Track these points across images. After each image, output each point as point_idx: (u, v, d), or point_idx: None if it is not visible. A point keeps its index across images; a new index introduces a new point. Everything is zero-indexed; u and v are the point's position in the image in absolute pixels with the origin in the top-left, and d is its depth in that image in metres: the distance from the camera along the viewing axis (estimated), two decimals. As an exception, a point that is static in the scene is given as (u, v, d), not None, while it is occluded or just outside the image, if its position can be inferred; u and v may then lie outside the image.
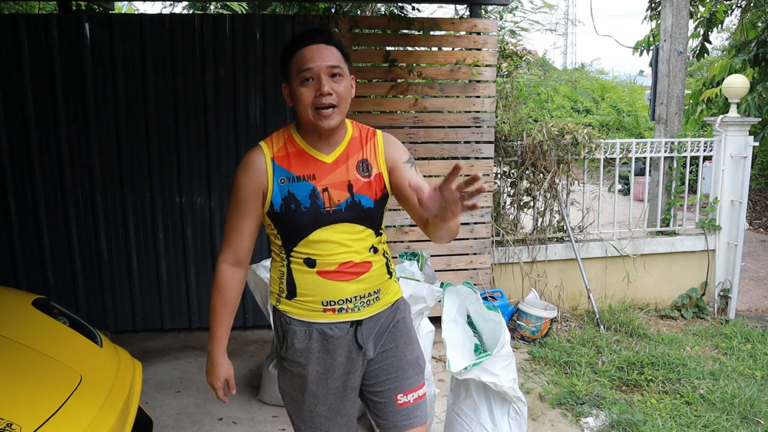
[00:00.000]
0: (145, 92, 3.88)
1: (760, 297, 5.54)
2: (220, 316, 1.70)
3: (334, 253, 1.63)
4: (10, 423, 1.55)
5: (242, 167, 1.62)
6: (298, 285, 1.65)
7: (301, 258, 1.63)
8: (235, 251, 1.67)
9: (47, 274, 3.95)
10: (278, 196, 1.59)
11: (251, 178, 1.60)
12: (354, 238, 1.64)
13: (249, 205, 1.61)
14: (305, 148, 1.63)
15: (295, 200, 1.59)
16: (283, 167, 1.61)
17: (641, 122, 13.39)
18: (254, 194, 1.60)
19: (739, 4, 7.99)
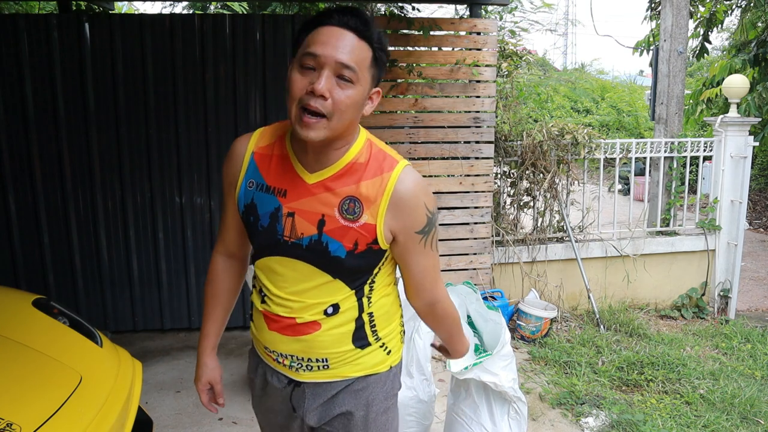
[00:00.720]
0: (145, 92, 3.88)
1: (760, 297, 5.54)
2: (210, 309, 1.51)
3: (280, 296, 1.32)
4: (10, 423, 1.55)
5: (228, 152, 1.39)
6: (255, 321, 1.42)
7: (259, 285, 1.39)
8: (224, 243, 1.47)
9: (47, 274, 3.95)
10: (242, 199, 1.33)
11: (228, 166, 1.36)
12: (310, 287, 1.30)
13: (228, 195, 1.39)
14: (290, 155, 1.29)
15: (255, 213, 1.30)
16: (259, 168, 1.31)
17: (641, 122, 13.38)
18: (230, 185, 1.36)
19: (739, 4, 7.99)
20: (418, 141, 4.10)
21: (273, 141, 1.32)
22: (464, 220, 4.22)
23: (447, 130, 4.12)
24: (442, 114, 4.13)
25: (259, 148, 1.32)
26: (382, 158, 1.27)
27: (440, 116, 4.12)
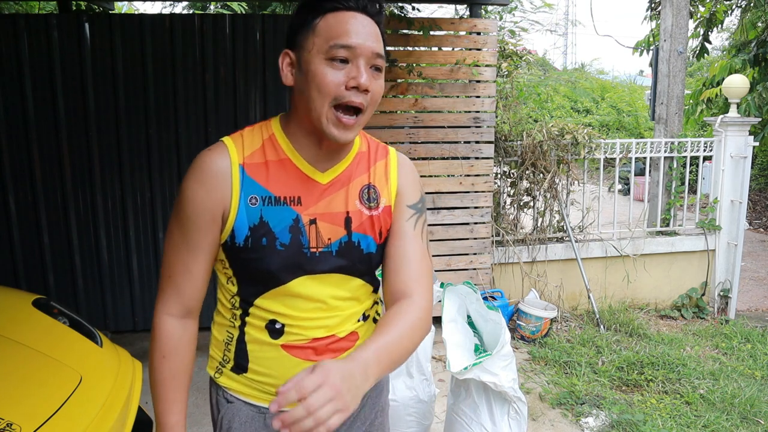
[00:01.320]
0: (145, 92, 3.88)
1: (760, 297, 5.54)
2: (170, 392, 1.16)
3: (312, 317, 1.15)
4: (10, 423, 1.55)
5: (193, 172, 1.09)
6: (252, 359, 1.17)
7: (262, 320, 1.15)
8: (182, 298, 1.14)
9: (47, 274, 3.95)
10: (244, 222, 1.09)
11: (207, 190, 1.08)
12: (346, 297, 1.18)
13: (201, 231, 1.10)
14: (292, 157, 1.13)
15: (269, 232, 1.10)
16: (256, 180, 1.10)
17: (641, 122, 13.39)
18: (211, 216, 1.09)
19: (739, 4, 7.99)
20: (418, 141, 4.10)
21: (260, 146, 1.12)
22: (464, 220, 4.22)
23: (447, 130, 4.12)
24: (442, 114, 4.13)
25: (246, 157, 1.11)
26: (376, 145, 1.24)
27: (440, 116, 4.12)
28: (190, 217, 1.10)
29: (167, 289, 1.15)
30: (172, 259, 1.14)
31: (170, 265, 1.14)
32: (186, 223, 1.10)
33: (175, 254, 1.13)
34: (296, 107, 1.11)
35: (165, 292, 1.16)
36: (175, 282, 1.15)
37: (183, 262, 1.13)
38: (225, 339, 1.20)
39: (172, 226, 1.14)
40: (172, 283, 1.15)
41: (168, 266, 1.15)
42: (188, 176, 1.10)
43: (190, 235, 1.11)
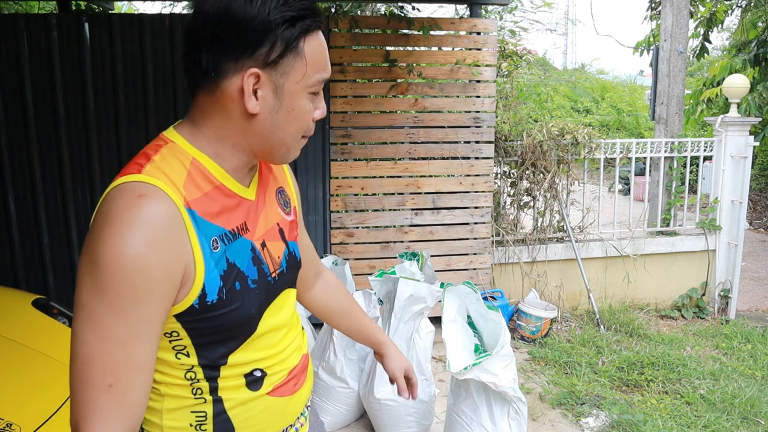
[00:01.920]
0: (145, 92, 3.88)
1: (760, 297, 5.54)
2: None
3: (285, 347, 1.05)
4: (10, 423, 1.55)
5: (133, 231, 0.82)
6: (239, 426, 1.00)
7: (238, 377, 0.98)
8: (131, 412, 0.85)
9: (47, 274, 3.95)
10: (215, 273, 0.91)
11: (164, 250, 0.84)
12: (293, 311, 1.11)
13: (157, 308, 0.85)
14: (225, 181, 0.96)
15: (239, 273, 0.95)
16: (208, 220, 0.91)
17: (641, 122, 13.39)
18: (170, 283, 0.86)
19: (740, 4, 7.99)
20: (418, 141, 4.10)
21: (186, 178, 0.91)
22: (464, 220, 4.22)
23: (447, 130, 4.12)
24: (442, 114, 4.13)
25: (187, 195, 0.90)
26: None
27: (440, 116, 4.12)
28: (140, 292, 0.82)
29: (106, 404, 0.82)
30: (110, 360, 0.82)
31: (108, 371, 0.82)
32: (132, 304, 0.82)
33: (118, 352, 0.82)
34: (244, 133, 0.93)
35: (103, 409, 0.82)
36: (119, 392, 0.83)
37: (132, 359, 0.84)
38: (194, 422, 0.96)
39: (99, 313, 0.81)
40: (115, 394, 0.83)
41: (102, 373, 0.82)
42: (121, 239, 0.81)
43: (140, 318, 0.83)
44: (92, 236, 0.85)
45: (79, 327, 0.83)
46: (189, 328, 0.91)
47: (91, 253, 0.83)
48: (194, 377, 0.95)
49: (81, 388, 0.83)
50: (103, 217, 0.85)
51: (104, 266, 0.81)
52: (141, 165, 0.92)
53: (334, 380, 2.92)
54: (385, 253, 4.14)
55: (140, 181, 0.88)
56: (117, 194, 0.87)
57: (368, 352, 2.96)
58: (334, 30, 3.92)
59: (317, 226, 4.12)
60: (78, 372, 0.83)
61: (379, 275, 2.84)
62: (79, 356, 0.83)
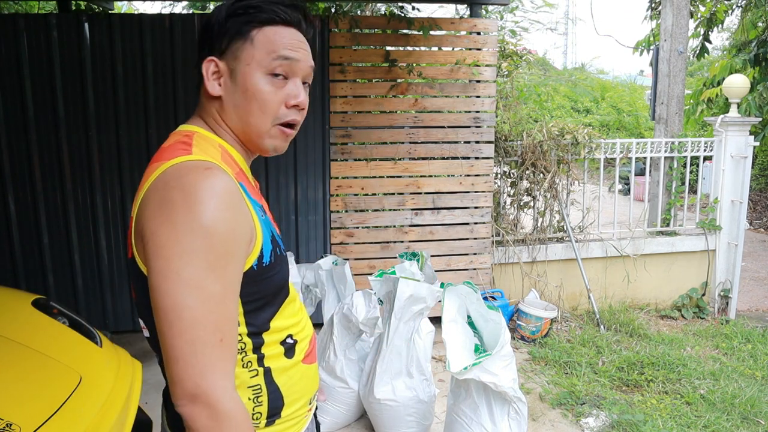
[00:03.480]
0: (145, 92, 3.88)
1: (760, 297, 5.54)
2: None
3: (303, 317, 1.14)
4: (9, 423, 1.55)
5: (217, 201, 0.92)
6: (287, 394, 1.07)
7: (277, 345, 1.06)
8: (235, 361, 0.95)
9: (47, 274, 3.95)
10: (267, 238, 1.02)
11: (242, 214, 0.96)
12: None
13: (241, 266, 0.97)
14: (242, 165, 1.09)
15: (276, 241, 1.05)
16: (250, 194, 1.04)
17: (641, 122, 13.39)
18: (247, 244, 0.97)
19: (740, 4, 7.99)
20: (418, 141, 4.10)
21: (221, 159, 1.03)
22: (464, 220, 4.22)
23: (447, 130, 4.12)
24: (442, 114, 4.13)
25: (232, 172, 1.01)
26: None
27: (440, 116, 4.12)
28: (232, 253, 0.93)
29: (222, 358, 0.91)
30: (216, 317, 0.91)
31: (216, 327, 0.90)
32: (226, 264, 0.92)
33: (220, 309, 0.91)
34: (225, 117, 1.05)
35: (222, 362, 0.91)
36: (229, 342, 0.92)
37: (230, 314, 0.93)
38: (251, 396, 1.03)
39: (198, 275, 0.89)
40: (227, 348, 0.92)
41: (212, 329, 0.90)
42: (209, 206, 0.90)
43: (233, 276, 0.94)
44: (173, 208, 0.90)
45: (176, 293, 0.89)
46: (244, 293, 0.98)
47: (178, 223, 0.90)
48: (243, 348, 1.01)
49: (194, 349, 0.89)
50: (180, 190, 0.91)
51: (198, 231, 0.89)
52: (187, 149, 0.99)
53: (334, 380, 2.92)
54: (385, 253, 4.14)
55: (198, 159, 0.96)
56: (185, 170, 0.94)
57: (368, 352, 2.96)
58: (334, 30, 3.92)
59: (317, 226, 4.12)
60: (186, 336, 0.89)
61: (379, 275, 2.84)
62: (185, 320, 0.89)
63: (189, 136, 1.03)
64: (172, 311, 0.89)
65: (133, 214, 1.01)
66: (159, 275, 0.89)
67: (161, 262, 0.89)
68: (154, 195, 0.94)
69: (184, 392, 0.89)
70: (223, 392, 0.89)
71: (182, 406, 0.90)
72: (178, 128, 1.08)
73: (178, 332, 0.88)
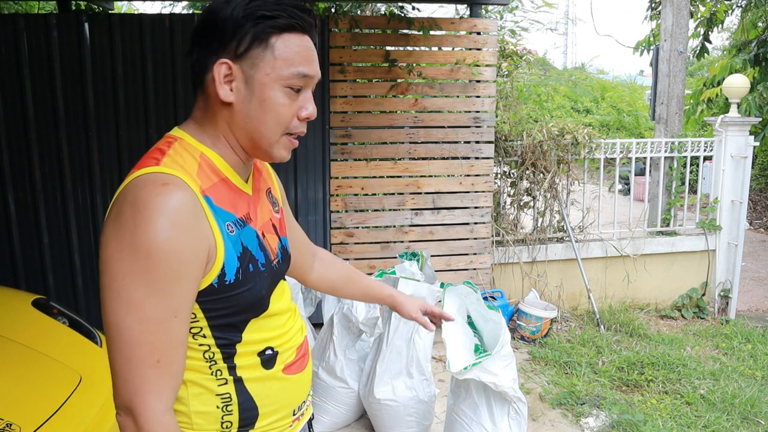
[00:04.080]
0: (145, 92, 3.88)
1: (760, 297, 5.54)
2: None
3: (290, 328, 1.13)
4: (9, 423, 1.55)
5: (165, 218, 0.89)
6: (261, 403, 1.06)
7: (253, 356, 1.04)
8: (176, 382, 0.94)
9: (47, 274, 3.95)
10: (232, 254, 0.99)
11: (193, 233, 0.92)
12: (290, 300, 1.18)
13: (191, 287, 0.93)
14: (229, 175, 1.04)
15: (252, 258, 1.03)
16: (221, 206, 0.99)
17: (641, 122, 13.39)
18: (200, 263, 0.94)
19: (740, 4, 7.99)
20: (418, 141, 4.10)
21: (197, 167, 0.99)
22: (464, 220, 4.22)
23: (447, 130, 4.12)
24: (442, 114, 4.13)
25: (202, 184, 0.97)
26: None
27: (440, 116, 4.12)
28: (175, 273, 0.90)
29: (158, 378, 0.91)
30: (154, 338, 0.89)
31: (153, 348, 0.90)
32: (169, 287, 0.90)
33: (159, 331, 0.90)
34: (228, 124, 1.01)
35: (156, 383, 0.90)
36: (167, 364, 0.91)
37: (172, 336, 0.92)
38: (220, 404, 1.02)
39: (136, 296, 0.88)
40: (164, 368, 0.91)
41: (149, 351, 0.89)
42: (155, 225, 0.88)
43: (180, 298, 0.91)
44: (122, 224, 0.90)
45: (116, 312, 0.89)
46: (206, 309, 0.97)
47: (124, 241, 0.89)
48: (212, 358, 1.01)
49: (129, 367, 0.90)
50: (131, 205, 0.90)
51: (141, 251, 0.88)
52: (157, 159, 0.97)
53: (334, 380, 2.92)
54: (385, 253, 4.14)
55: (161, 172, 0.94)
56: (142, 183, 0.93)
57: (368, 352, 2.96)
58: (334, 30, 3.92)
59: (317, 226, 4.12)
60: (124, 353, 0.90)
61: (379, 275, 2.84)
62: (123, 339, 0.89)
63: (169, 143, 1.02)
64: (113, 328, 0.90)
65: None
66: (104, 291, 0.90)
67: (107, 279, 0.90)
68: (114, 206, 0.94)
69: (119, 404, 0.92)
70: (152, 413, 0.90)
71: (118, 415, 0.93)
72: (168, 133, 1.07)
73: (118, 349, 0.90)
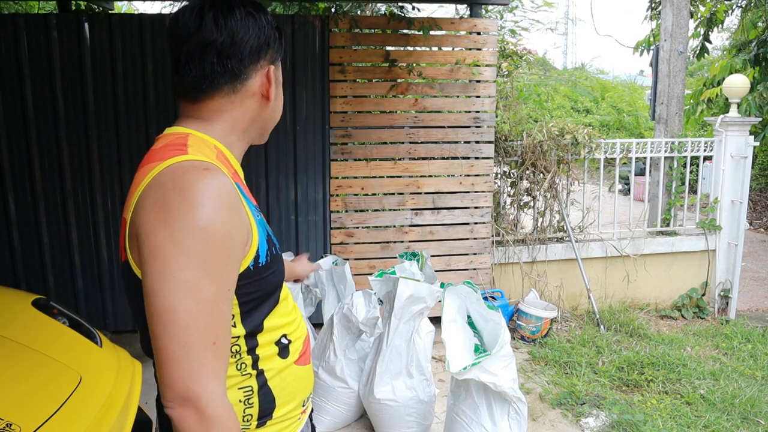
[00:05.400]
0: (144, 92, 3.88)
1: (760, 297, 5.54)
2: None
3: (296, 317, 1.14)
4: (9, 423, 1.55)
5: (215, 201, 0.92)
6: (279, 396, 1.08)
7: (271, 346, 1.07)
8: (227, 364, 0.95)
9: (47, 274, 3.95)
10: (264, 238, 1.03)
11: (239, 215, 0.96)
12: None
13: (237, 267, 0.96)
14: (235, 166, 1.09)
15: (272, 241, 1.06)
16: (246, 195, 1.04)
17: (641, 122, 13.39)
18: (244, 244, 0.97)
19: (740, 4, 7.99)
20: (418, 141, 4.10)
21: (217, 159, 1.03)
22: (464, 220, 4.22)
23: (447, 130, 4.12)
24: (442, 114, 4.13)
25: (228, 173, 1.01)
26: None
27: (440, 116, 4.12)
28: (229, 255, 0.92)
29: (214, 361, 0.90)
30: (210, 320, 0.90)
31: (210, 330, 0.90)
32: (223, 267, 0.91)
33: (214, 312, 0.90)
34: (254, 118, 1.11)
35: (214, 365, 0.90)
36: (222, 346, 0.92)
37: (224, 317, 0.93)
38: (242, 398, 1.04)
39: (193, 278, 0.89)
40: (219, 351, 0.91)
41: (206, 332, 0.89)
42: (207, 207, 0.90)
43: (229, 278, 0.94)
44: (170, 209, 0.90)
45: (170, 296, 0.88)
46: (240, 294, 0.99)
47: (174, 225, 0.89)
48: (238, 350, 1.02)
49: (186, 352, 0.88)
50: (178, 190, 0.91)
51: (195, 233, 0.89)
52: (182, 150, 0.99)
53: (334, 380, 2.92)
54: (385, 253, 4.14)
55: (196, 159, 0.96)
56: (182, 170, 0.94)
57: (368, 352, 2.96)
58: (334, 30, 3.92)
59: (317, 226, 4.12)
60: (180, 339, 0.88)
61: (379, 275, 2.84)
62: (179, 323, 0.88)
63: (182, 137, 1.03)
64: (166, 313, 0.88)
65: (126, 216, 0.99)
66: (154, 277, 0.89)
67: (157, 263, 0.88)
68: (149, 196, 0.92)
69: (174, 395, 0.88)
70: (213, 396, 0.89)
71: (171, 409, 0.89)
72: (165, 131, 1.08)
73: (172, 334, 0.88)
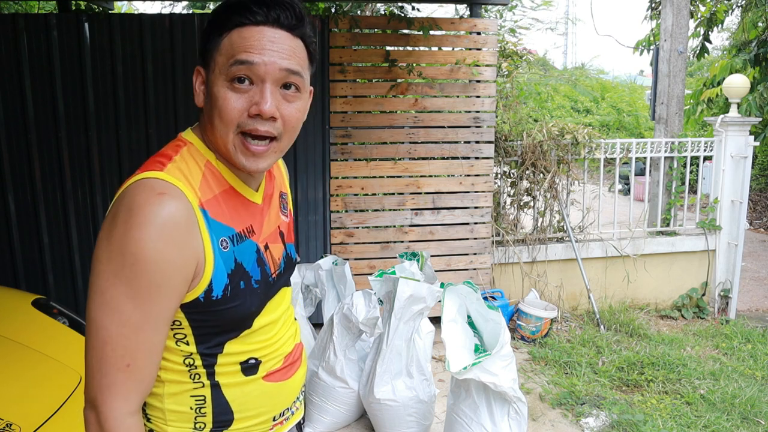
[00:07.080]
0: (145, 92, 3.88)
1: (760, 297, 5.54)
2: None
3: (279, 337, 1.11)
4: (9, 423, 1.55)
5: (152, 228, 0.88)
6: (237, 408, 1.06)
7: (235, 364, 1.04)
8: (144, 387, 0.95)
9: (47, 274, 3.95)
10: (222, 271, 0.97)
11: (179, 247, 0.91)
12: (288, 306, 1.17)
13: (172, 298, 0.93)
14: (234, 184, 1.03)
15: (245, 273, 1.01)
16: (219, 221, 0.98)
17: (641, 122, 13.39)
18: (183, 277, 0.93)
19: (740, 4, 7.99)
20: (418, 141, 4.10)
21: (202, 177, 0.98)
22: (464, 220, 4.22)
23: (447, 130, 4.12)
24: (442, 114, 4.13)
25: (202, 196, 0.96)
26: None
27: (440, 116, 4.12)
28: (157, 284, 0.89)
29: (125, 381, 0.91)
30: (128, 343, 0.90)
31: (126, 352, 0.90)
32: (149, 293, 0.89)
33: (134, 336, 0.90)
34: (207, 129, 1.00)
35: (123, 386, 0.91)
36: (137, 370, 0.92)
37: (147, 343, 0.92)
38: (194, 405, 1.03)
39: (118, 299, 0.89)
40: (133, 373, 0.92)
41: (121, 354, 0.90)
42: (144, 233, 0.87)
43: (160, 307, 0.91)
44: (115, 226, 0.90)
45: (96, 310, 0.91)
46: (191, 319, 0.98)
47: (113, 243, 0.90)
48: (192, 363, 1.01)
49: (100, 366, 0.91)
50: (126, 210, 0.90)
51: (128, 257, 0.88)
52: (163, 163, 0.96)
53: (334, 380, 2.92)
54: (385, 253, 4.14)
55: (161, 179, 0.93)
56: (140, 188, 0.92)
57: (368, 352, 2.96)
58: (334, 30, 3.92)
59: (317, 226, 4.12)
60: (96, 352, 0.91)
61: (379, 275, 2.84)
62: (98, 338, 0.91)
63: (178, 147, 1.00)
64: (91, 325, 0.91)
65: None
66: (90, 286, 0.92)
67: (93, 277, 0.91)
68: (112, 207, 0.94)
69: (87, 397, 0.93)
70: (113, 414, 0.91)
71: (84, 408, 0.94)
72: (180, 133, 1.05)
73: (92, 346, 0.91)
